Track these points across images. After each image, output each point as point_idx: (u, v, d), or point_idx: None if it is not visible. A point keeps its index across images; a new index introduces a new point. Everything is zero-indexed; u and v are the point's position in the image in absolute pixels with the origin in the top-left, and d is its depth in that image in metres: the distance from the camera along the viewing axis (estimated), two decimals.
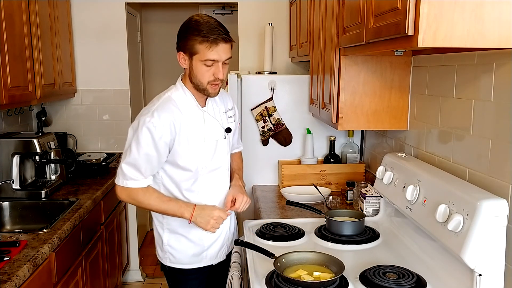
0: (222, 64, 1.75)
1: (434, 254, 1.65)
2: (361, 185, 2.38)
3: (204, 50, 1.70)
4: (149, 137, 1.72)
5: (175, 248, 1.93)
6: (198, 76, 1.76)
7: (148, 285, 3.83)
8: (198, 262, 1.95)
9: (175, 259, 1.95)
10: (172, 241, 1.93)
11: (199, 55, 1.71)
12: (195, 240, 1.92)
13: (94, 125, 3.63)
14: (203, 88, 1.78)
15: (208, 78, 1.75)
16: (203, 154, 1.85)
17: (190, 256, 1.94)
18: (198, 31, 1.69)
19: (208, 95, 1.82)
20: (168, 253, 1.95)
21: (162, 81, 4.97)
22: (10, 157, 2.66)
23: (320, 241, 1.89)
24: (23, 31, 2.54)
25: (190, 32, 1.71)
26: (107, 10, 3.50)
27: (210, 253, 1.96)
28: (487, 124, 1.53)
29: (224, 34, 1.71)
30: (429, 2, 1.20)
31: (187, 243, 1.92)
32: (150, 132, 1.72)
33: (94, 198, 2.75)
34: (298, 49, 3.11)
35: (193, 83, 1.80)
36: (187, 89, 1.84)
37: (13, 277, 1.67)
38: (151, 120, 1.72)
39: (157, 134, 1.72)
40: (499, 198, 1.39)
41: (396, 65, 2.13)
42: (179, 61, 1.79)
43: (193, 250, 1.93)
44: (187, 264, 1.95)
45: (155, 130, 1.72)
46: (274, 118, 2.84)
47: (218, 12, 4.93)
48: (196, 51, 1.71)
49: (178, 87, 1.86)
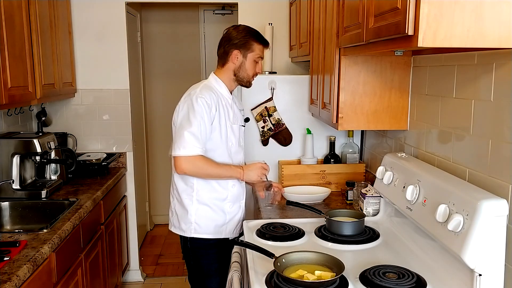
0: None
1: (434, 254, 1.65)
2: (361, 185, 2.38)
3: (260, 49, 2.18)
4: (203, 109, 2.05)
5: (202, 217, 2.19)
6: (248, 70, 2.18)
7: (148, 285, 3.83)
8: (219, 233, 2.21)
9: (200, 229, 2.19)
10: (200, 211, 2.18)
11: (255, 53, 2.16)
12: (219, 212, 2.20)
13: (94, 125, 3.63)
14: (249, 80, 2.22)
15: (253, 72, 2.21)
16: (231, 133, 2.20)
17: (214, 226, 2.20)
18: (256, 36, 2.17)
19: (248, 86, 2.26)
20: (194, 224, 2.19)
21: (162, 81, 5.00)
22: (10, 157, 2.66)
23: (320, 241, 1.89)
24: (23, 31, 2.54)
25: (250, 36, 2.15)
26: (107, 10, 3.50)
27: (230, 226, 2.24)
28: (487, 124, 1.53)
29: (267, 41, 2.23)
30: (429, 2, 1.20)
31: (212, 214, 2.19)
32: (205, 104, 2.06)
33: (94, 198, 2.75)
34: (298, 49, 3.11)
35: (239, 76, 2.19)
36: (221, 80, 2.21)
37: (13, 277, 1.67)
38: (203, 95, 2.08)
39: (207, 106, 2.07)
40: (499, 198, 1.39)
41: (396, 65, 2.13)
42: (231, 58, 2.16)
43: (216, 221, 2.20)
44: (210, 234, 2.19)
45: (205, 102, 2.06)
46: (274, 118, 2.84)
47: (218, 12, 4.93)
48: (253, 49, 2.16)
49: (211, 79, 2.23)
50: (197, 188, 2.18)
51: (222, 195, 2.21)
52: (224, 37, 2.19)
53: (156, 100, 4.96)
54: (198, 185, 2.18)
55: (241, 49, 2.15)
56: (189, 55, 4.97)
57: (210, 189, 2.19)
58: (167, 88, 4.90)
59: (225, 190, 2.21)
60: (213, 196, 2.19)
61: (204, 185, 2.18)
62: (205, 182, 2.17)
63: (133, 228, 3.80)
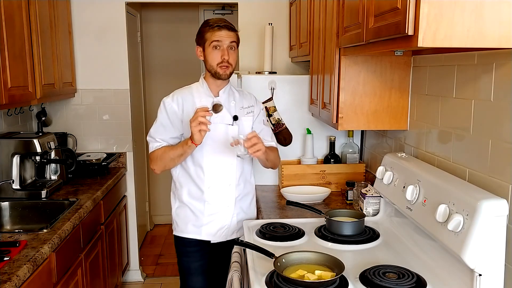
0: (227, 48, 2.06)
1: (434, 254, 1.65)
2: (361, 185, 2.38)
3: (210, 34, 2.06)
4: (163, 109, 2.17)
5: (180, 215, 2.24)
6: (209, 60, 2.09)
7: (148, 285, 3.83)
8: (197, 234, 2.21)
9: (178, 228, 2.26)
10: (179, 210, 2.25)
11: (208, 41, 2.07)
12: (197, 212, 2.20)
13: (94, 125, 3.63)
14: (215, 71, 2.09)
15: (217, 60, 2.07)
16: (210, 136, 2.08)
17: (189, 226, 2.22)
18: (207, 24, 2.09)
19: (219, 77, 2.10)
20: (174, 222, 2.28)
21: (162, 81, 4.99)
22: (10, 157, 2.66)
23: (320, 241, 1.89)
24: (23, 31, 2.54)
25: (202, 27, 2.11)
26: (107, 10, 3.50)
27: (209, 229, 2.21)
28: (487, 124, 1.53)
29: (226, 23, 2.08)
30: (429, 2, 1.20)
31: (189, 213, 2.21)
32: (164, 106, 2.17)
33: (94, 198, 2.75)
34: (298, 49, 3.11)
35: (209, 70, 2.12)
36: (205, 81, 2.19)
37: (13, 277, 1.67)
38: (167, 99, 2.19)
39: (168, 107, 2.16)
40: (499, 198, 1.39)
41: (396, 65, 2.13)
42: (198, 55, 2.14)
43: (193, 221, 2.21)
44: (187, 233, 2.23)
45: (167, 104, 2.17)
46: (274, 118, 2.84)
47: (218, 12, 4.92)
48: (206, 38, 2.07)
49: (199, 81, 2.22)
50: (178, 187, 2.25)
51: (199, 195, 2.20)
52: None
53: (156, 100, 4.91)
54: (178, 184, 2.24)
55: (199, 43, 2.13)
56: (189, 55, 4.95)
57: (187, 189, 2.21)
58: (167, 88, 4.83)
59: (200, 191, 2.19)
60: (190, 196, 2.21)
61: (182, 184, 2.22)
62: (183, 180, 2.21)
63: (133, 228, 3.80)
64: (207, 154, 2.15)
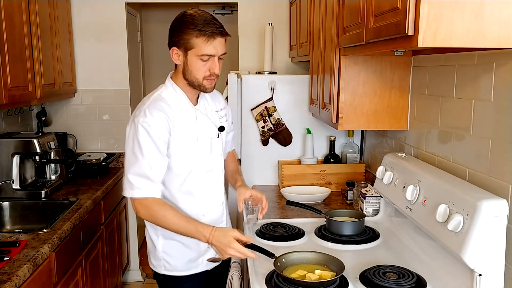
0: (218, 59, 1.70)
1: (434, 254, 1.65)
2: (361, 185, 2.38)
3: (201, 44, 1.64)
4: (147, 137, 1.65)
5: (170, 254, 1.85)
6: (193, 71, 1.70)
7: (148, 285, 3.83)
8: (194, 268, 1.87)
9: (170, 266, 1.86)
10: (167, 247, 1.85)
11: (195, 49, 1.65)
12: (191, 245, 1.83)
13: (94, 125, 3.63)
14: (199, 84, 1.72)
15: (204, 74, 1.70)
16: (198, 154, 1.79)
17: (186, 262, 1.86)
18: (194, 25, 1.64)
19: (204, 90, 1.75)
20: (163, 261, 1.86)
21: (162, 81, 4.95)
22: (10, 157, 2.65)
23: (320, 241, 1.89)
24: (23, 31, 2.54)
25: (185, 26, 1.65)
26: (107, 10, 3.50)
27: (206, 258, 1.86)
28: (487, 124, 1.53)
29: (220, 28, 1.67)
30: (429, 2, 1.20)
31: (183, 249, 1.84)
32: (148, 132, 1.65)
33: (94, 198, 2.75)
34: (298, 49, 3.11)
35: (188, 79, 1.73)
36: (178, 86, 1.78)
37: (13, 277, 1.67)
38: (145, 120, 1.66)
39: (155, 133, 1.66)
40: (499, 198, 1.39)
41: (396, 65, 2.13)
42: (172, 57, 1.73)
43: (189, 255, 1.86)
44: (183, 271, 1.86)
45: (151, 129, 1.66)
46: (274, 118, 2.84)
47: (218, 12, 4.92)
48: (192, 45, 1.65)
49: (168, 85, 1.80)
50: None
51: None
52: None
53: None
54: None
55: (179, 45, 1.68)
56: None
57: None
58: None
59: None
60: None
61: None
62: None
63: (133, 228, 3.79)
64: (195, 177, 1.80)
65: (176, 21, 1.71)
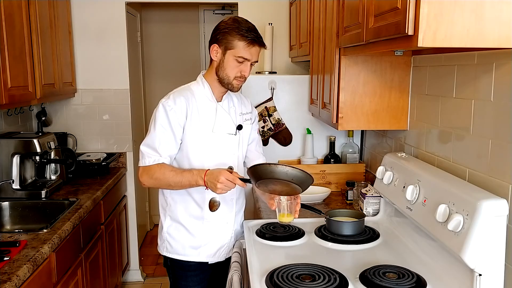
0: (250, 64, 1.88)
1: (434, 254, 1.65)
2: (361, 185, 2.38)
3: (241, 47, 1.82)
4: (164, 116, 1.85)
5: (173, 237, 1.99)
6: (227, 69, 1.86)
7: (148, 285, 3.83)
8: (196, 256, 1.98)
9: (171, 249, 2.00)
10: (171, 229, 2.00)
11: (235, 50, 1.83)
12: (194, 232, 1.96)
13: (94, 125, 3.63)
14: (229, 81, 1.88)
15: (235, 74, 1.87)
16: (211, 147, 1.92)
17: (187, 248, 1.98)
18: (240, 29, 1.82)
19: (231, 89, 1.91)
20: (166, 242, 2.02)
21: (162, 81, 4.99)
22: (10, 157, 2.66)
23: (320, 241, 1.89)
24: (23, 31, 2.54)
25: (232, 29, 1.83)
26: (107, 10, 3.50)
27: (208, 250, 1.99)
28: (487, 124, 1.53)
29: (260, 38, 1.86)
30: (429, 2, 1.20)
31: (186, 234, 1.97)
32: (165, 111, 1.86)
33: (94, 198, 2.75)
34: (298, 49, 3.11)
35: (219, 76, 1.89)
36: (207, 82, 1.95)
37: (13, 277, 1.67)
38: (167, 101, 1.88)
39: (171, 114, 1.85)
40: (499, 198, 1.39)
41: (396, 65, 2.13)
42: (211, 53, 1.89)
43: (191, 241, 1.97)
44: (183, 256, 1.98)
45: (169, 110, 1.86)
46: (274, 118, 2.84)
47: (218, 12, 4.92)
48: (233, 46, 1.83)
49: (198, 80, 1.98)
50: (170, 203, 1.99)
51: (198, 213, 1.95)
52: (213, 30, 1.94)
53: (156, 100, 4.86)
54: (171, 200, 1.99)
55: (220, 43, 1.85)
56: (189, 55, 4.96)
57: (184, 206, 1.96)
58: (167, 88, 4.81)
59: (199, 209, 1.95)
60: (188, 213, 1.96)
61: (177, 200, 1.97)
62: (178, 196, 1.96)
63: (133, 228, 3.80)
64: (208, 167, 1.88)
65: (223, 23, 1.88)
